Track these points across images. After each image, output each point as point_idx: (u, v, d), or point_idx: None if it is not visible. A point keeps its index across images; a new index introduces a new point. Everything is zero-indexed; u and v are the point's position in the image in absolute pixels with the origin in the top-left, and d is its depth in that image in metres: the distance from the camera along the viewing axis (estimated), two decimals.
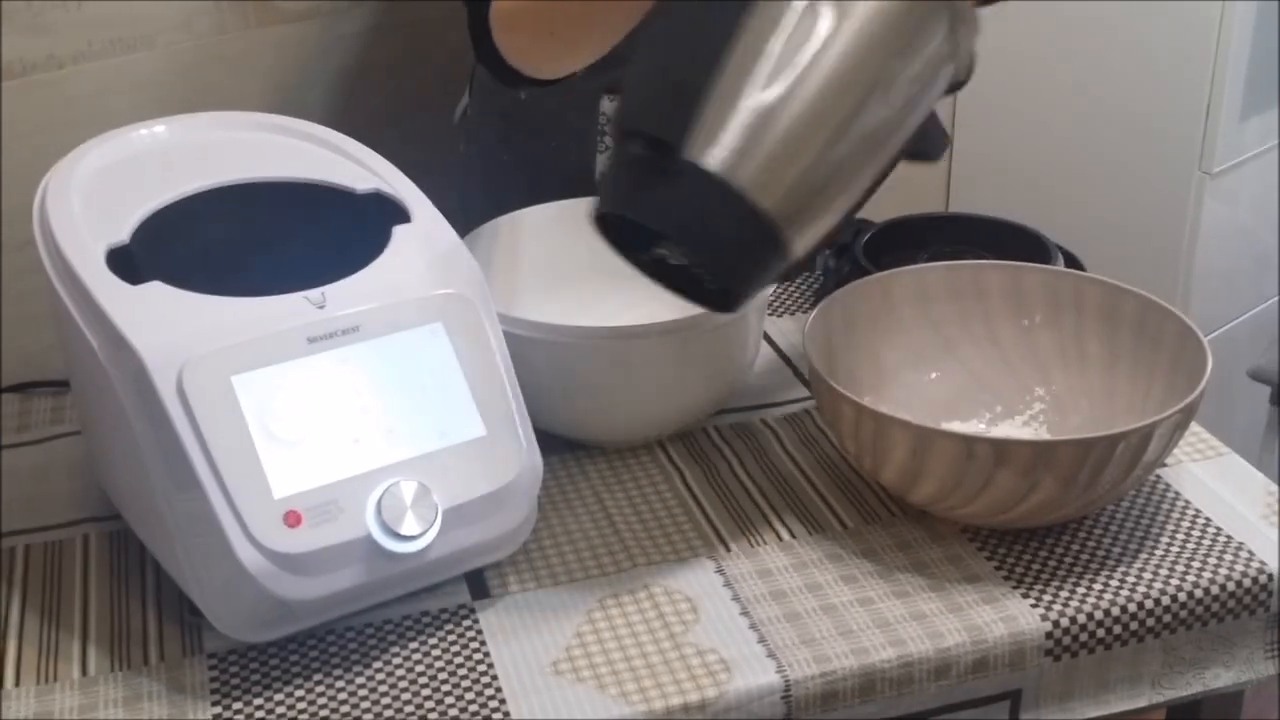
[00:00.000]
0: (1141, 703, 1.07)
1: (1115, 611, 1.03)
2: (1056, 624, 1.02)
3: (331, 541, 0.95)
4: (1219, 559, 1.07)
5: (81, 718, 0.97)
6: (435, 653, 1.01)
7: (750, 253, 0.93)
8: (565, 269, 1.28)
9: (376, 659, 1.01)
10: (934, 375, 1.23)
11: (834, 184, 0.94)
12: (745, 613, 1.03)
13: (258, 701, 0.97)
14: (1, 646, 1.03)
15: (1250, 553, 1.08)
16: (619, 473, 1.19)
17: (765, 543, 1.10)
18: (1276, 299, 2.24)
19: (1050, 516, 1.08)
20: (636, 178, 0.93)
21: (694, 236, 0.93)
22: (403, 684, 0.98)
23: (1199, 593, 1.05)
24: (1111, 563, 1.07)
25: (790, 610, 1.03)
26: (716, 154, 0.90)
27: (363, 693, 0.98)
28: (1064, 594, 1.04)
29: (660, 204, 0.93)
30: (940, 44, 0.94)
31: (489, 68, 1.23)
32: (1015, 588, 1.05)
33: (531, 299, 1.24)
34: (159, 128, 1.16)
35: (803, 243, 0.94)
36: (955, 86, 0.99)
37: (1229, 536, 1.09)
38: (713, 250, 0.93)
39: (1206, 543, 1.09)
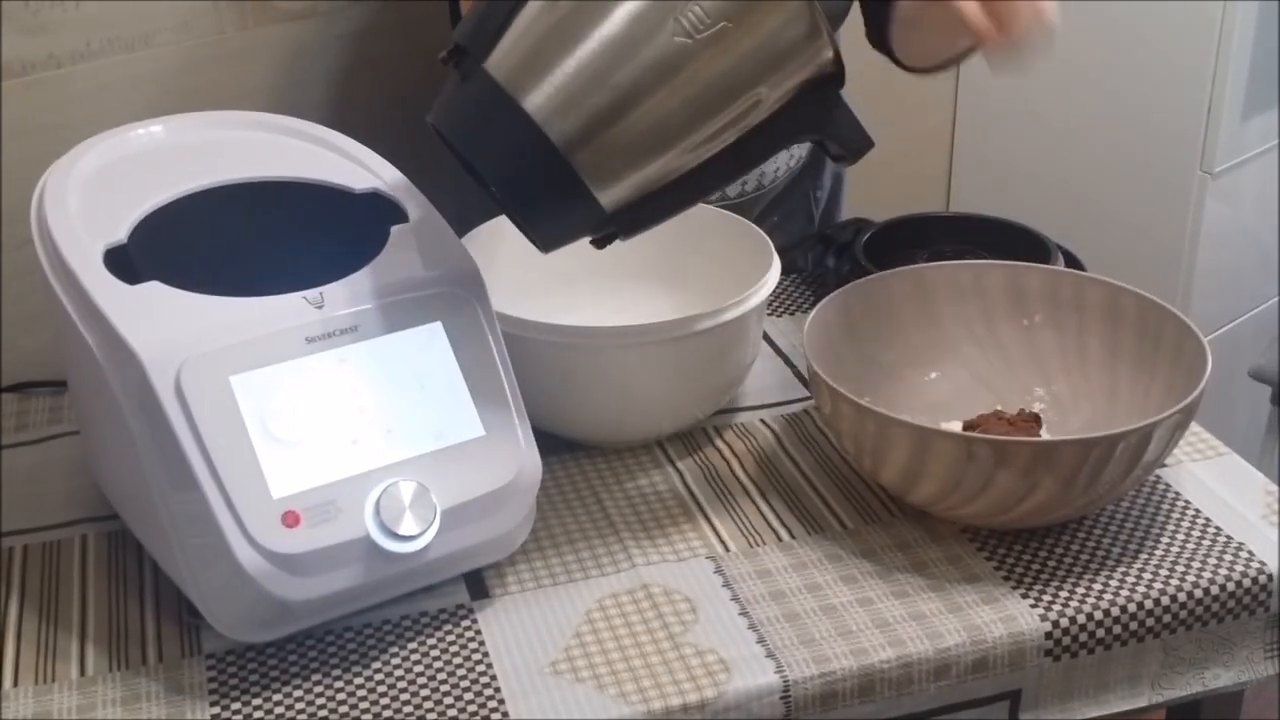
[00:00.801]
0: (1141, 703, 1.06)
1: (1115, 612, 1.03)
2: (1056, 624, 1.02)
3: (330, 542, 0.95)
4: (1219, 559, 1.07)
5: (80, 718, 0.97)
6: (434, 653, 1.01)
7: (531, 170, 0.94)
8: (565, 269, 1.28)
9: (375, 660, 1.00)
10: (934, 375, 1.23)
11: (633, 117, 0.93)
12: (745, 613, 1.03)
13: (256, 702, 0.97)
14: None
15: (1250, 553, 1.07)
16: (618, 473, 1.19)
17: (764, 543, 1.10)
18: (1277, 299, 2.24)
19: (1050, 517, 1.07)
20: (446, 91, 0.97)
21: (467, 138, 0.95)
22: (401, 684, 0.98)
23: (1199, 593, 1.05)
24: (1111, 563, 1.07)
25: (790, 610, 1.03)
26: (503, 65, 0.93)
27: (361, 693, 0.97)
28: (1064, 594, 1.04)
29: (451, 106, 0.96)
30: (778, 19, 0.95)
31: None
32: (1015, 588, 1.05)
33: (531, 299, 1.24)
34: (156, 127, 1.16)
35: (608, 180, 0.94)
36: (827, 80, 0.98)
37: (1229, 537, 1.09)
38: (485, 155, 0.95)
39: (1206, 543, 1.09)
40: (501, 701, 0.96)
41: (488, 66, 0.93)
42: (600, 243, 1.02)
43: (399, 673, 0.99)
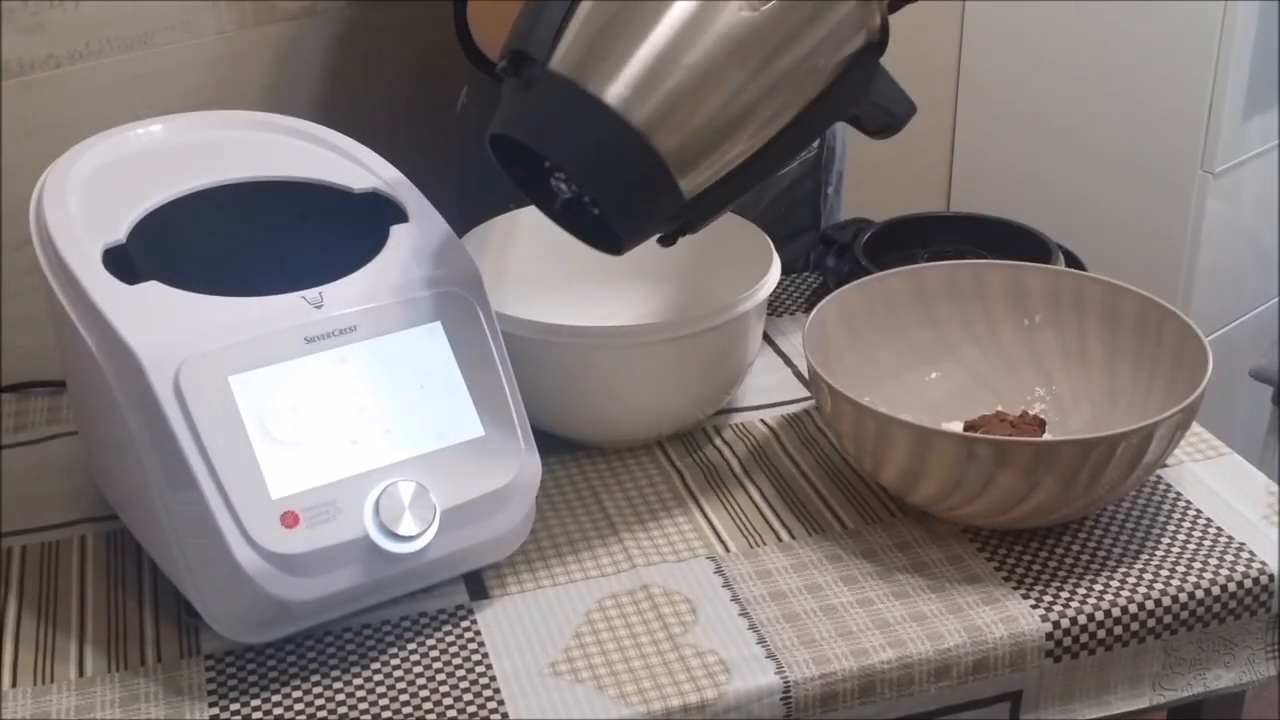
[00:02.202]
0: (1142, 704, 1.06)
1: (1116, 612, 1.03)
2: (1057, 625, 1.02)
3: (329, 542, 0.95)
4: (1220, 559, 1.07)
5: (78, 718, 0.96)
6: (433, 654, 1.01)
7: (617, 159, 0.94)
8: (565, 269, 1.28)
9: (374, 660, 1.00)
10: (934, 375, 1.23)
11: (708, 95, 0.94)
12: (745, 613, 1.03)
13: (255, 703, 0.97)
14: None
15: (1251, 553, 1.07)
16: (618, 473, 1.18)
17: (765, 543, 1.10)
18: (1277, 299, 2.24)
19: (1051, 517, 1.07)
20: (508, 99, 0.96)
21: (546, 140, 0.95)
22: (401, 685, 0.98)
23: (1200, 593, 1.04)
24: (1112, 563, 1.07)
25: (790, 611, 1.03)
26: (568, 62, 0.93)
27: (360, 694, 0.97)
28: (1064, 594, 1.04)
29: (519, 112, 0.95)
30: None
31: (473, 61, 1.23)
32: (1015, 588, 1.04)
33: (531, 299, 1.24)
34: (156, 127, 1.16)
35: (688, 164, 0.95)
36: (871, 49, 0.99)
37: (1230, 537, 1.09)
38: (567, 152, 0.95)
39: (1207, 543, 1.08)
40: (501, 703, 0.96)
41: (554, 67, 0.94)
42: (669, 239, 1.02)
43: (398, 674, 0.99)
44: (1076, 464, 1.01)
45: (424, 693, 0.97)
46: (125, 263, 1.01)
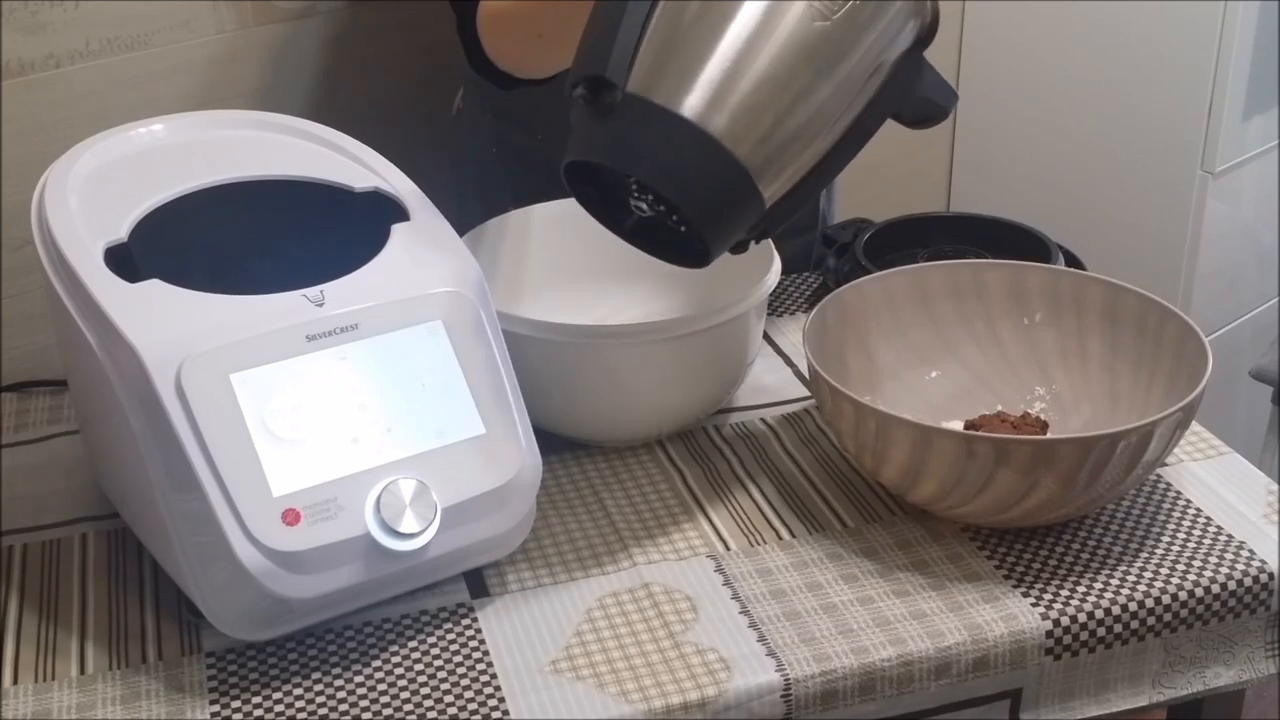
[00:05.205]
0: (1142, 702, 1.06)
1: (1116, 610, 1.03)
2: (1057, 623, 1.02)
3: (330, 540, 0.95)
4: (1219, 558, 1.07)
5: (80, 716, 0.97)
6: (434, 652, 1.01)
7: (705, 175, 0.93)
8: (565, 268, 1.28)
9: (375, 658, 1.00)
10: (934, 374, 1.23)
11: (786, 105, 0.94)
12: (745, 611, 1.03)
13: (256, 700, 0.97)
14: None
15: (1251, 552, 1.07)
16: (618, 472, 1.19)
17: (765, 542, 1.10)
18: (1277, 299, 2.24)
19: (1051, 515, 1.07)
20: (585, 124, 0.96)
21: (640, 162, 0.95)
22: (401, 683, 0.98)
23: (1199, 592, 1.05)
24: (1112, 562, 1.07)
25: (790, 609, 1.03)
26: (644, 82, 0.93)
27: (361, 691, 0.97)
28: (1064, 593, 1.04)
29: (603, 137, 0.95)
30: None
31: (479, 71, 1.23)
32: (1015, 586, 1.05)
33: (531, 298, 1.24)
34: (157, 126, 1.16)
35: (767, 172, 0.95)
36: (920, 43, 1.00)
37: (1230, 536, 1.09)
38: (665, 175, 0.94)
39: (1207, 542, 1.08)
40: (502, 700, 0.96)
41: (631, 89, 0.93)
42: (741, 246, 1.02)
43: (399, 671, 0.99)
44: (1076, 462, 1.01)
45: (425, 690, 0.97)
46: (127, 261, 1.01)
